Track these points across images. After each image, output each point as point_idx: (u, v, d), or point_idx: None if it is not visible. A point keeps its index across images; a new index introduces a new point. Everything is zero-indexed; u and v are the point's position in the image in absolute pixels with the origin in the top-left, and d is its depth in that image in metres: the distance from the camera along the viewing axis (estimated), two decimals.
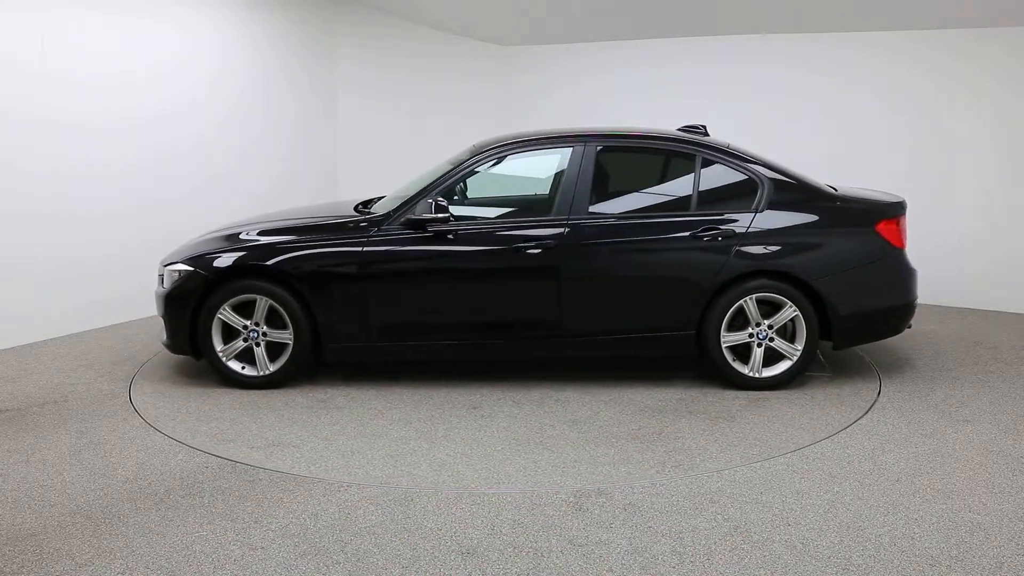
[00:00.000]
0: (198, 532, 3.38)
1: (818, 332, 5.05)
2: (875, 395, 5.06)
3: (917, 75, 7.49)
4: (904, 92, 7.56)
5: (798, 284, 5.02)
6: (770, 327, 5.06)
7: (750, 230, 5.05)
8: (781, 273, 5.03)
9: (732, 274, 5.01)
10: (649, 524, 3.44)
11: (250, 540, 3.32)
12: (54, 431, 4.52)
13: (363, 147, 9.03)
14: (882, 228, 5.13)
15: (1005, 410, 4.80)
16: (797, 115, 7.96)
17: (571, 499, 3.67)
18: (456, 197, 5.35)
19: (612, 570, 3.09)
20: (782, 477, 3.89)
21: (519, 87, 9.43)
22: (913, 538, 3.30)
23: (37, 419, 4.70)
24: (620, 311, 5.11)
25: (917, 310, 5.44)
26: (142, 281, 6.96)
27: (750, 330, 5.08)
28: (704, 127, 5.60)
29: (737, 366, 5.10)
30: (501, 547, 3.26)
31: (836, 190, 5.42)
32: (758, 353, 5.08)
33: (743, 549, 3.23)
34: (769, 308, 5.07)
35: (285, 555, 3.20)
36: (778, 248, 5.04)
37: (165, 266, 5.36)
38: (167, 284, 5.27)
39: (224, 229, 5.58)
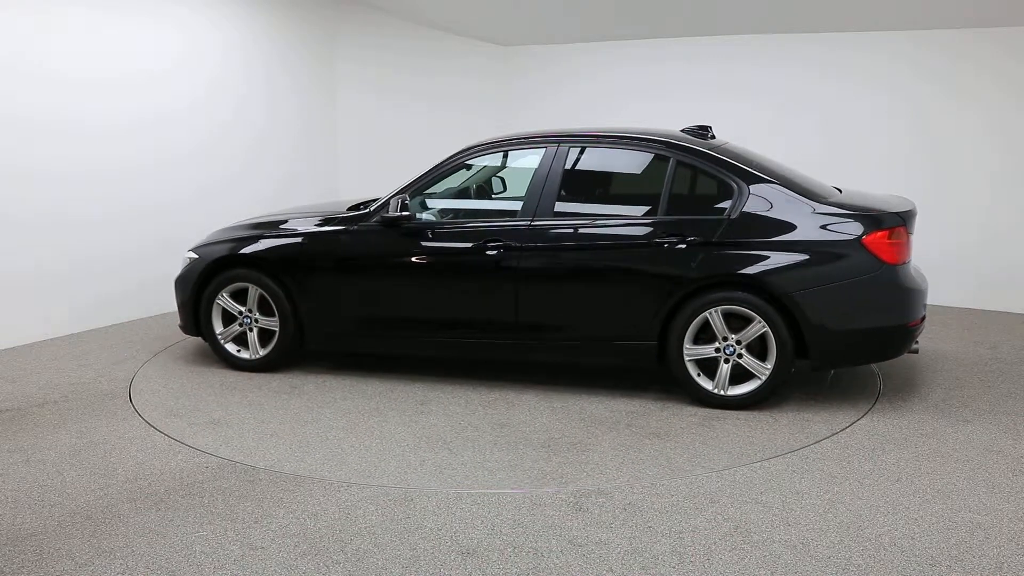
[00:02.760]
0: (198, 532, 3.38)
1: (791, 350, 4.65)
2: (875, 395, 5.06)
3: (916, 75, 7.49)
4: (903, 92, 7.55)
5: (769, 298, 4.64)
6: (738, 342, 4.70)
7: (717, 238, 4.72)
8: (749, 285, 4.67)
9: (695, 284, 4.71)
10: (649, 524, 3.44)
11: (250, 540, 3.32)
12: (54, 431, 4.52)
13: (364, 147, 9.03)
14: (870, 241, 4.60)
15: (1005, 410, 4.80)
16: (797, 115, 7.95)
17: (571, 499, 3.67)
18: (431, 196, 5.48)
19: (612, 570, 3.09)
20: (782, 477, 3.89)
21: (519, 87, 9.43)
22: (913, 538, 3.30)
23: (37, 419, 4.70)
24: (578, 316, 4.96)
25: None
26: (142, 281, 6.98)
27: (717, 344, 4.73)
28: (709, 128, 5.35)
29: (702, 381, 4.78)
30: (501, 547, 3.26)
31: (841, 191, 5.19)
32: (724, 369, 4.73)
33: (743, 549, 3.23)
34: (743, 322, 4.70)
35: (285, 555, 3.20)
36: (747, 258, 4.67)
37: (186, 252, 5.81)
38: (181, 269, 5.74)
39: (241, 221, 5.97)
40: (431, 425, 4.63)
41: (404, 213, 5.17)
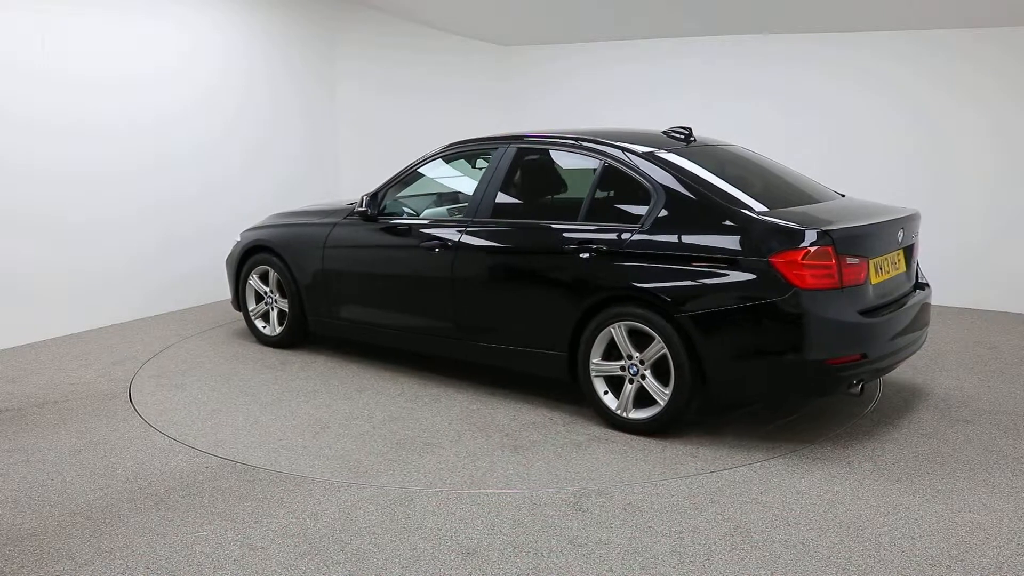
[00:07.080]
0: (198, 532, 3.39)
1: (690, 376, 4.18)
2: (875, 395, 5.06)
3: (916, 75, 7.49)
4: (904, 92, 7.55)
5: (667, 316, 4.22)
6: (641, 362, 4.34)
7: (625, 249, 4.38)
8: (648, 301, 4.28)
9: (599, 295, 4.43)
10: (649, 524, 3.44)
11: (250, 540, 3.32)
12: (54, 431, 4.52)
13: (365, 147, 9.02)
14: (780, 261, 3.98)
15: (1005, 410, 4.80)
16: (797, 115, 7.95)
17: (571, 499, 3.68)
18: (402, 194, 5.66)
19: (612, 570, 3.09)
20: (782, 477, 3.89)
21: (519, 87, 9.43)
22: (913, 538, 3.30)
23: (37, 419, 4.70)
24: (500, 321, 4.90)
25: None
26: (142, 282, 6.98)
27: (622, 362, 4.42)
28: (689, 129, 4.99)
29: (608, 400, 4.47)
30: (501, 547, 3.26)
31: (843, 195, 5.05)
32: (628, 389, 4.38)
33: (743, 549, 3.23)
34: (649, 341, 4.33)
35: (285, 555, 3.20)
36: (648, 271, 4.28)
37: (237, 235, 6.46)
38: (231, 251, 6.38)
39: (291, 209, 6.54)
40: (335, 410, 4.83)
41: (363, 209, 5.48)
